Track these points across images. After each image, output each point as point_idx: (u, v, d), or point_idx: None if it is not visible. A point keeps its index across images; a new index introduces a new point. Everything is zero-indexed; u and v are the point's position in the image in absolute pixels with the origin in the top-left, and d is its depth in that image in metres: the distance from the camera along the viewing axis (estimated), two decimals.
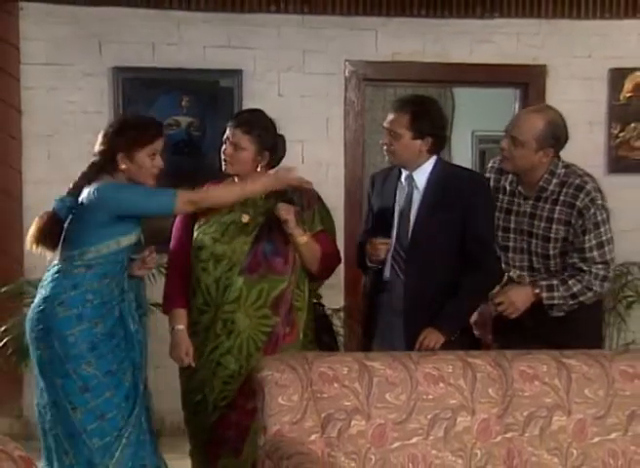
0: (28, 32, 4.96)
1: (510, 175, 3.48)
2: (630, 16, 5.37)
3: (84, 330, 3.13)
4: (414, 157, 3.39)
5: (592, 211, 3.32)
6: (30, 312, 3.25)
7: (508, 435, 2.78)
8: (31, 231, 3.25)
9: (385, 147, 3.42)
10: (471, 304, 3.38)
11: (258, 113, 3.39)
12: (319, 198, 3.40)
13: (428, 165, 3.40)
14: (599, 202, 3.33)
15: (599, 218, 3.32)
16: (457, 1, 5.25)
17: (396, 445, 2.68)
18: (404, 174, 3.44)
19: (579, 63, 5.35)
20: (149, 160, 3.21)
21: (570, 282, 3.33)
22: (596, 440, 2.84)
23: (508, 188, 3.50)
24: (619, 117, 5.43)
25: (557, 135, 3.35)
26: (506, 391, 2.81)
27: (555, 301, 3.32)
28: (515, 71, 5.31)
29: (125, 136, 3.19)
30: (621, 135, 5.44)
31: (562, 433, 2.81)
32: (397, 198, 3.43)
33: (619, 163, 5.39)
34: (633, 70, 5.40)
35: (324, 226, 3.37)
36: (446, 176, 3.40)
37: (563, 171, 3.39)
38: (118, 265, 3.21)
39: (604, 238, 3.34)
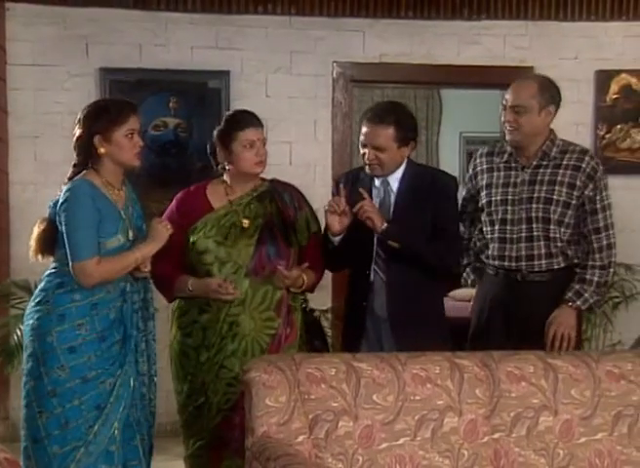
0: (15, 33, 4.94)
1: (506, 155, 3.56)
2: (616, 18, 5.39)
3: (64, 331, 3.07)
4: (398, 165, 3.42)
5: (600, 174, 3.49)
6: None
7: (495, 435, 2.79)
8: (31, 242, 3.17)
9: (369, 162, 3.38)
10: (422, 249, 3.35)
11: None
12: (304, 199, 3.44)
13: (401, 168, 3.45)
14: (601, 168, 3.53)
15: (605, 182, 3.51)
16: (444, 2, 5.26)
17: (383, 445, 2.68)
18: (377, 179, 3.45)
19: (565, 65, 5.37)
20: (127, 140, 3.13)
21: (587, 276, 3.45)
22: (583, 440, 2.85)
23: (503, 165, 3.56)
24: (605, 119, 5.46)
25: (552, 91, 3.50)
26: (493, 392, 2.81)
27: (591, 301, 3.44)
28: (502, 73, 5.32)
29: (99, 117, 3.13)
30: (608, 136, 5.46)
31: (549, 433, 2.82)
32: (374, 201, 3.44)
33: (605, 164, 5.30)
34: (619, 72, 5.43)
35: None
36: (416, 178, 3.45)
37: (561, 142, 3.53)
38: None
39: (607, 202, 3.52)
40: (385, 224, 3.27)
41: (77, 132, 3.17)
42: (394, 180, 3.43)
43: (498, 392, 2.82)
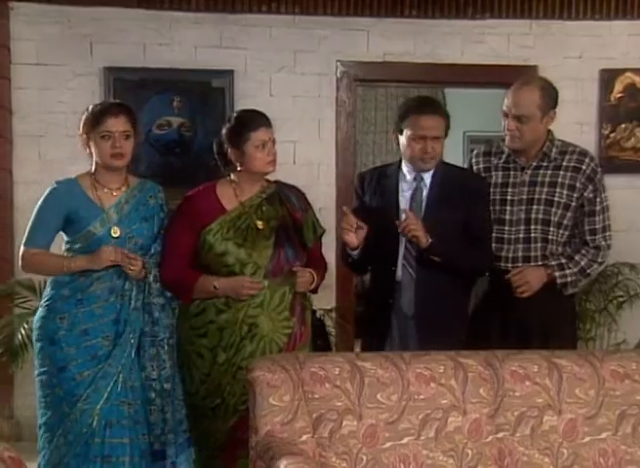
0: (19, 32, 4.95)
1: (504, 155, 3.55)
2: (620, 17, 5.38)
3: (48, 323, 3.23)
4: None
5: (599, 175, 3.48)
6: None
7: (499, 435, 2.78)
8: None
9: (428, 155, 3.39)
10: (461, 261, 3.38)
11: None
12: (307, 201, 3.46)
13: None
14: (600, 169, 3.52)
15: (603, 184, 3.50)
16: (448, 2, 5.26)
17: (387, 445, 2.68)
18: (411, 173, 3.44)
19: (569, 64, 5.36)
20: (102, 141, 3.22)
21: (576, 257, 3.45)
22: (587, 439, 2.84)
23: (502, 165, 3.54)
24: (609, 118, 5.45)
25: (552, 95, 3.49)
26: (497, 391, 2.81)
27: (568, 279, 3.44)
28: (506, 72, 5.31)
29: (85, 120, 3.27)
30: (612, 135, 5.45)
31: (553, 433, 2.82)
32: (401, 197, 3.44)
33: (609, 163, 5.39)
34: (624, 71, 5.42)
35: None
36: (449, 176, 3.47)
37: (560, 142, 3.52)
38: None
39: (605, 204, 3.51)
40: (430, 241, 3.29)
41: None
42: (426, 177, 3.44)
43: (502, 391, 2.81)
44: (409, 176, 3.45)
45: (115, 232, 3.24)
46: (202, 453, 3.37)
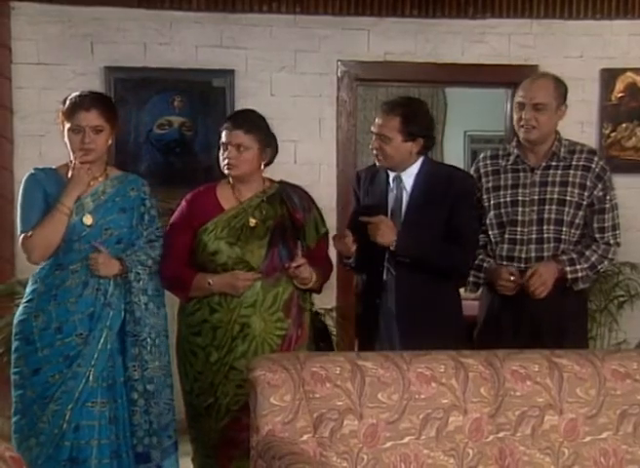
0: (20, 32, 4.95)
1: (512, 157, 3.54)
2: (621, 16, 5.38)
3: (24, 323, 3.20)
4: (404, 159, 3.41)
5: (608, 174, 3.51)
6: None
7: (500, 434, 2.78)
8: None
9: (375, 151, 3.41)
10: (434, 255, 3.36)
11: (252, 112, 3.39)
12: (312, 201, 3.44)
13: (415, 166, 3.43)
14: (608, 168, 3.55)
15: (612, 183, 3.54)
16: (448, 1, 5.26)
17: (388, 444, 2.68)
18: (391, 175, 3.45)
19: (570, 64, 5.36)
20: (71, 134, 3.22)
21: (586, 253, 3.46)
22: (588, 439, 2.84)
23: (510, 166, 3.54)
24: (610, 117, 5.45)
25: (563, 90, 3.52)
26: (498, 391, 2.81)
27: (579, 274, 3.44)
28: (507, 71, 5.32)
29: (61, 110, 3.26)
30: (613, 135, 5.45)
31: (554, 432, 2.82)
32: (389, 199, 3.44)
33: (610, 163, 5.28)
34: (624, 70, 5.42)
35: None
36: (432, 177, 3.44)
37: (567, 141, 3.54)
38: (74, 254, 3.21)
39: (614, 202, 3.54)
40: (394, 243, 3.30)
41: None
42: (408, 177, 3.43)
43: (502, 391, 2.81)
44: (391, 178, 3.46)
45: (87, 219, 3.21)
46: (198, 452, 3.38)
